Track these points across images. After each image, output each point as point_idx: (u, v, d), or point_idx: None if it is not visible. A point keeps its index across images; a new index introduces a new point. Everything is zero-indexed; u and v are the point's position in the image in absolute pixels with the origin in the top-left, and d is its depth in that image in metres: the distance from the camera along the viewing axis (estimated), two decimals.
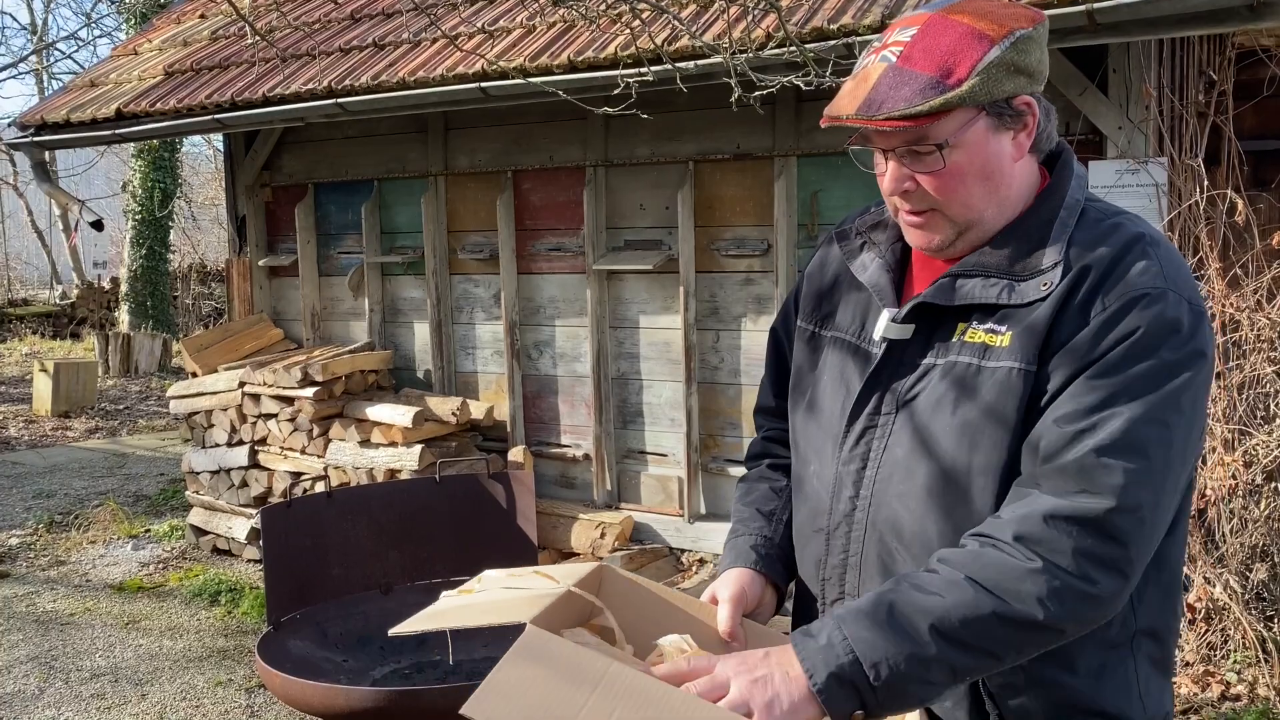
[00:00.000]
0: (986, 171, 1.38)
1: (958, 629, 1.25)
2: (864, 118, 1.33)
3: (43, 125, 6.10)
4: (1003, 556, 1.26)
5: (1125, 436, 1.25)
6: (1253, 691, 3.75)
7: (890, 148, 1.38)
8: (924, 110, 1.31)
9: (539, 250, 5.47)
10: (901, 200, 1.41)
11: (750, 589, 1.54)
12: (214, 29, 6.42)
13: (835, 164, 4.70)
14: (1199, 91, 4.32)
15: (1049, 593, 1.24)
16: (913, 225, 1.43)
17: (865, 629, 1.26)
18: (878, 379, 1.45)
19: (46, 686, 4.36)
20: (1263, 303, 3.94)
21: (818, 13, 4.03)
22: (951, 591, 1.26)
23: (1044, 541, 1.25)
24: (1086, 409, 1.27)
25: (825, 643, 1.26)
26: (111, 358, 12.65)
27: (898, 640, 1.25)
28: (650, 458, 5.29)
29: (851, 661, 1.25)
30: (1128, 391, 1.27)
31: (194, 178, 21.03)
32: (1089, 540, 1.24)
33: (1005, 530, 1.27)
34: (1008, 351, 1.35)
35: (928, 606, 1.25)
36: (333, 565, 3.40)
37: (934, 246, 1.43)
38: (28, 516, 6.80)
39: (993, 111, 1.36)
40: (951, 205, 1.39)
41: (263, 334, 6.29)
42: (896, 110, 1.32)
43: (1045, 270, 1.36)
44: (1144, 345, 1.28)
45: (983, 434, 1.35)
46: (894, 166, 1.39)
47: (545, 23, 4.80)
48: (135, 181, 14.52)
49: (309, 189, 6.16)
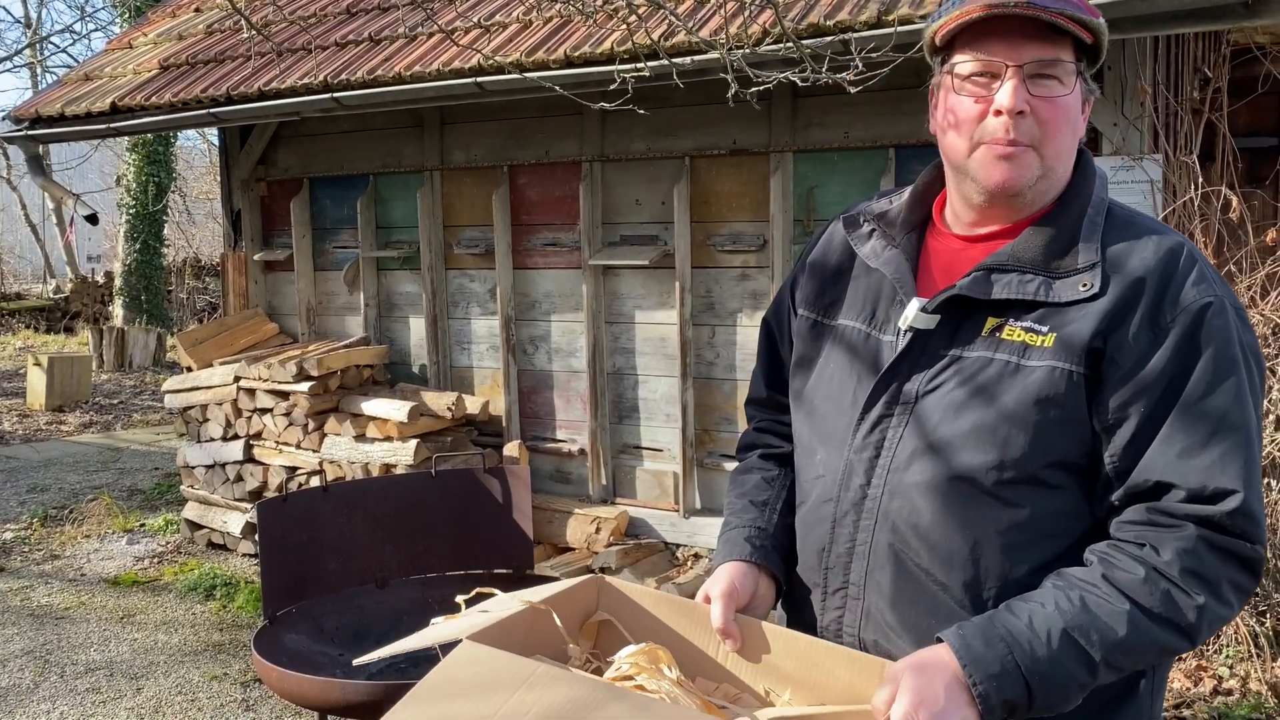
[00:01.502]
0: (1075, 126, 1.42)
1: (1122, 657, 1.30)
2: (1037, 6, 1.34)
3: (37, 119, 6.08)
4: (1171, 588, 1.30)
5: (1252, 474, 1.32)
6: (1245, 686, 3.76)
7: (1022, 63, 1.37)
8: (1091, 23, 1.35)
9: (535, 245, 5.47)
10: (1011, 125, 1.37)
11: (742, 583, 1.52)
12: (209, 23, 6.40)
13: (831, 160, 4.71)
14: (1194, 88, 4.33)
15: (1206, 622, 1.32)
16: (1003, 156, 1.39)
17: (1040, 658, 1.28)
18: (897, 369, 1.44)
19: (41, 680, 4.36)
20: (1257, 299, 3.96)
21: (814, 8, 4.03)
22: (1122, 624, 1.29)
23: (1207, 578, 1.31)
24: (1203, 441, 1.31)
25: (1000, 670, 1.27)
26: (106, 352, 12.63)
27: (1071, 670, 1.28)
28: (646, 453, 5.30)
29: (1023, 691, 1.27)
30: (1230, 417, 1.32)
31: (188, 172, 20.97)
32: (1240, 576, 1.33)
33: (1173, 565, 1.30)
34: (1050, 352, 1.35)
35: (1099, 641, 1.29)
36: (328, 559, 3.40)
37: (1013, 186, 1.40)
38: (22, 511, 6.80)
39: (1082, 75, 1.40)
40: (1049, 143, 1.39)
41: (258, 329, 6.28)
42: (1068, 10, 1.34)
43: (1082, 270, 1.37)
44: (1222, 363, 1.33)
45: (1014, 431, 1.35)
46: (1015, 85, 1.37)
47: (541, 18, 4.79)
48: (129, 175, 14.48)
49: (304, 183, 6.15)
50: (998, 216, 1.46)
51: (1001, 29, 1.37)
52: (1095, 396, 1.35)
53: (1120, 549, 1.33)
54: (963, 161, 1.43)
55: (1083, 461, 1.37)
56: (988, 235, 1.47)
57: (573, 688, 1.17)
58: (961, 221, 1.50)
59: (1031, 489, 1.36)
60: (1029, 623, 1.29)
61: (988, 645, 1.28)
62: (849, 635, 1.48)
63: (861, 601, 1.46)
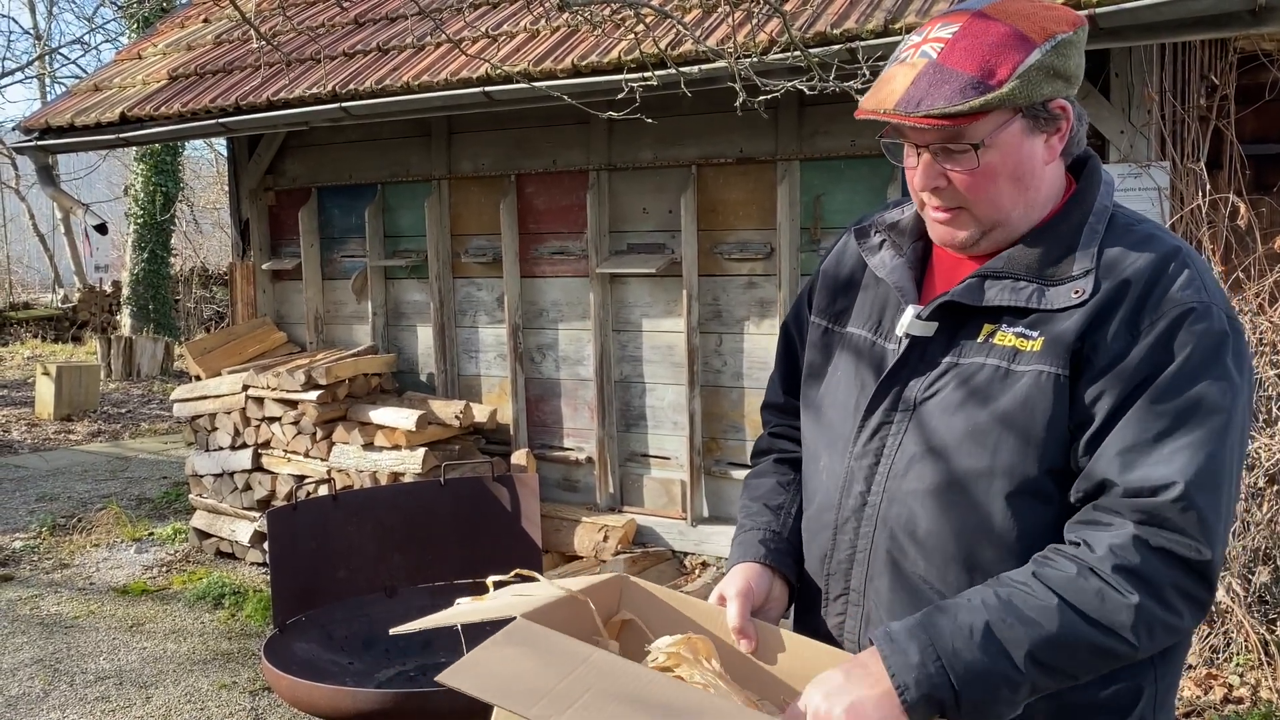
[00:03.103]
0: (1018, 173, 1.39)
1: (1052, 656, 1.27)
2: (903, 114, 1.33)
3: (47, 129, 6.11)
4: (1103, 586, 1.27)
5: (1203, 473, 1.27)
6: (1255, 694, 3.75)
7: (925, 144, 1.38)
8: (964, 110, 1.31)
9: (542, 254, 5.48)
10: (931, 196, 1.41)
11: (757, 583, 1.52)
12: (218, 33, 6.43)
13: (838, 168, 4.72)
14: (1201, 96, 4.33)
15: (1144, 626, 1.27)
16: (939, 221, 1.43)
17: (960, 651, 1.26)
18: (896, 375, 1.45)
19: (51, 689, 4.36)
20: (1265, 306, 3.96)
21: (821, 17, 4.04)
22: (1049, 619, 1.26)
23: (1143, 576, 1.26)
24: (1155, 437, 1.28)
25: (918, 660, 1.26)
26: (113, 361, 12.67)
27: (992, 665, 1.25)
28: (653, 461, 5.30)
29: (944, 684, 1.25)
30: (1193, 418, 1.28)
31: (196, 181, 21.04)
32: (1185, 580, 1.28)
33: (1105, 561, 1.27)
34: (1038, 356, 1.35)
35: (1024, 635, 1.26)
36: (338, 568, 3.41)
37: (958, 244, 1.44)
38: (31, 520, 6.81)
39: (1029, 114, 1.36)
40: (980, 205, 1.39)
41: (266, 337, 6.30)
42: (936, 108, 1.31)
43: (1076, 277, 1.37)
44: (1197, 366, 1.29)
45: (1004, 436, 1.35)
46: (926, 162, 1.39)
47: (549, 27, 4.81)
48: (137, 185, 14.54)
49: (312, 193, 6.17)
50: None
51: None
52: (1071, 395, 1.34)
53: (1059, 550, 1.32)
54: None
55: (1072, 467, 1.36)
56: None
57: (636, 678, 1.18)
58: None
59: (1026, 498, 1.36)
60: (954, 618, 1.28)
61: (910, 638, 1.27)
62: (850, 641, 1.48)
63: (862, 608, 1.47)
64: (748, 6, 3.81)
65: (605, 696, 1.14)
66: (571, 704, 1.13)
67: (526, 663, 1.18)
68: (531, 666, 1.18)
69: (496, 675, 1.17)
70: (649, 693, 1.17)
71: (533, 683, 1.16)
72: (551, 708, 1.13)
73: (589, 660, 1.19)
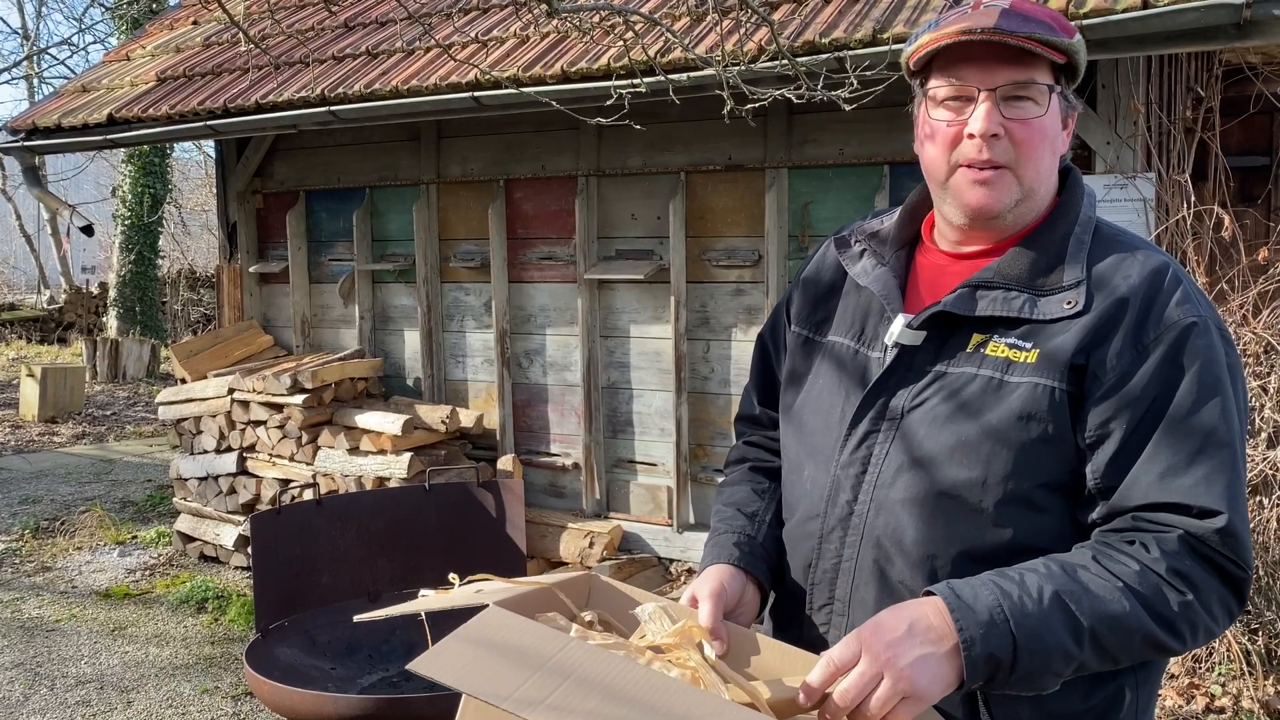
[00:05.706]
0: (1054, 145, 1.42)
1: (1110, 635, 1.28)
2: (1004, 32, 1.34)
3: (34, 130, 6.09)
4: (1161, 583, 1.29)
5: (1237, 497, 1.31)
6: (1237, 704, 3.77)
7: (994, 86, 1.38)
8: (1063, 44, 1.36)
9: (530, 259, 5.48)
10: (985, 146, 1.38)
11: (730, 585, 1.49)
12: (207, 36, 6.42)
13: (826, 176, 4.73)
14: (1187, 108, 4.36)
15: (1192, 626, 1.30)
16: (980, 181, 1.40)
17: (1030, 612, 1.25)
18: (884, 385, 1.45)
19: (31, 693, 4.33)
20: (1249, 317, 3.98)
21: (809, 26, 4.06)
22: (1114, 599, 1.27)
23: (1194, 582, 1.30)
24: (1188, 460, 1.31)
25: (986, 618, 1.24)
26: (99, 363, 12.61)
27: (1055, 632, 1.25)
28: (640, 467, 5.30)
29: (1007, 645, 1.24)
30: (1214, 437, 1.31)
31: (184, 183, 20.97)
32: (1226, 593, 1.32)
33: (1159, 562, 1.29)
34: (1033, 368, 1.36)
35: (1090, 608, 1.26)
36: (321, 573, 3.40)
37: (989, 210, 1.41)
38: (13, 522, 6.77)
39: (1062, 94, 1.41)
40: (1026, 165, 1.40)
41: (252, 340, 6.28)
42: (1038, 34, 1.35)
43: (1067, 288, 1.38)
44: (1209, 383, 1.33)
45: (997, 448, 1.35)
46: (988, 108, 1.38)
47: (539, 33, 4.82)
48: (125, 186, 14.48)
49: (301, 196, 6.16)
50: (981, 236, 1.47)
51: (973, 53, 1.38)
52: (1077, 413, 1.35)
53: (1110, 544, 1.33)
54: (943, 182, 1.44)
55: (1067, 480, 1.37)
56: (973, 253, 1.48)
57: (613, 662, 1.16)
58: (947, 239, 1.51)
59: (1016, 509, 1.36)
60: (1020, 580, 1.28)
61: (976, 596, 1.26)
62: None
63: (846, 618, 1.46)
64: (736, 15, 3.82)
65: (583, 686, 1.12)
66: (548, 695, 1.11)
67: (500, 651, 1.16)
68: (505, 655, 1.15)
69: (468, 663, 1.15)
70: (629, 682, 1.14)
71: (506, 672, 1.13)
72: (526, 697, 1.10)
73: (566, 648, 1.17)
